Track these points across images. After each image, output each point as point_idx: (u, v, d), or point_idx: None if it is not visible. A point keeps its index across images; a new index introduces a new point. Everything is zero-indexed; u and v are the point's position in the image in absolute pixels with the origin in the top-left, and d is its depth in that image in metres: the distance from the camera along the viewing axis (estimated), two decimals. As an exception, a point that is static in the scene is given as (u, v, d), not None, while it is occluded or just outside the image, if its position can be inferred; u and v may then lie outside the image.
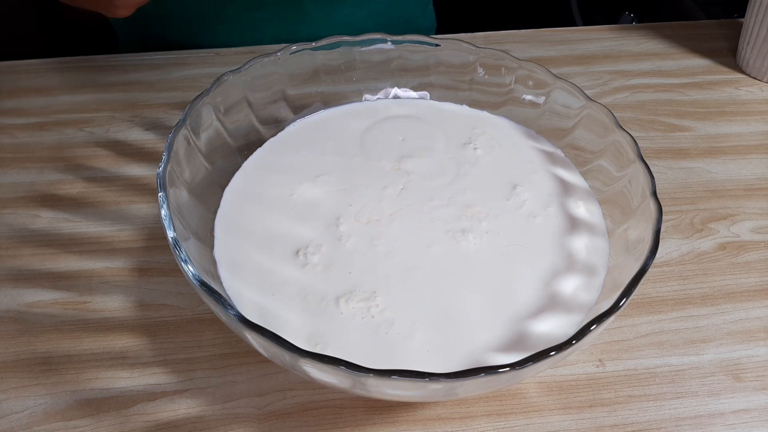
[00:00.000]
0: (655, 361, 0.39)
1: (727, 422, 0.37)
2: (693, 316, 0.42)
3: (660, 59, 0.64)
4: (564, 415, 0.37)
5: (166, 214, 0.34)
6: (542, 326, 0.35)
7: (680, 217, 0.48)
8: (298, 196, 0.42)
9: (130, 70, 0.60)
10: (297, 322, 0.35)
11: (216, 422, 0.36)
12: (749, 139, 0.55)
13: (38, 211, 0.47)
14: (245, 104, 0.45)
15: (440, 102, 0.49)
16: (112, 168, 0.50)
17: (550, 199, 0.42)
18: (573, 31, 0.67)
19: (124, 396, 0.37)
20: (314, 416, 0.36)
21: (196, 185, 0.40)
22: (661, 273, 0.44)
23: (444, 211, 0.41)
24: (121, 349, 0.39)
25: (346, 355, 0.29)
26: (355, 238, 0.39)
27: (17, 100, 0.57)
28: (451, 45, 0.48)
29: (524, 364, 0.28)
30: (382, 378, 0.28)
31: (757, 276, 0.44)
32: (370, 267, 0.38)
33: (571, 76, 0.58)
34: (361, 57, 0.48)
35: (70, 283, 0.42)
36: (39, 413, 0.36)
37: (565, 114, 0.45)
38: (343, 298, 0.36)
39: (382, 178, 0.43)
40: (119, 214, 0.47)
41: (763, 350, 0.40)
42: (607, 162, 0.42)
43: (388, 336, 0.34)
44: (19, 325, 0.40)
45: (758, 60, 0.60)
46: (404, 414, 0.37)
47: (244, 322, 0.30)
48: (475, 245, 0.39)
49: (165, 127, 0.54)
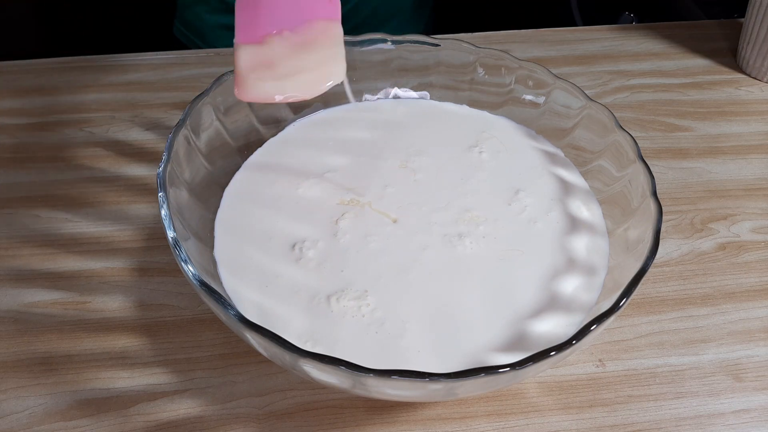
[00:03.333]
0: (655, 361, 0.39)
1: (727, 422, 0.37)
2: (693, 316, 0.42)
3: (660, 59, 0.64)
4: (564, 415, 0.37)
5: (166, 214, 0.34)
6: (542, 326, 0.35)
7: (680, 217, 0.48)
8: (297, 196, 0.42)
9: (130, 70, 0.60)
10: (287, 318, 0.35)
11: (216, 422, 0.36)
12: (749, 139, 0.55)
13: (38, 211, 0.47)
14: (245, 104, 0.45)
15: (440, 102, 0.49)
16: (112, 168, 0.50)
17: (552, 204, 0.42)
18: (573, 31, 0.67)
19: (124, 396, 0.37)
20: (314, 416, 0.36)
21: (196, 185, 0.40)
22: (661, 273, 0.44)
23: (442, 215, 0.41)
24: (121, 349, 0.39)
25: (338, 354, 0.29)
26: (350, 237, 0.39)
27: (17, 100, 0.57)
28: (451, 45, 0.47)
29: (524, 364, 0.28)
30: (382, 378, 0.28)
31: (757, 276, 0.44)
32: (362, 266, 0.38)
33: (571, 76, 0.58)
34: (361, 57, 0.48)
35: (70, 283, 0.42)
36: (39, 413, 0.36)
37: (565, 114, 0.45)
38: (334, 296, 0.36)
39: (384, 178, 0.43)
40: (119, 214, 0.47)
41: (763, 350, 0.40)
42: (607, 162, 0.42)
43: (379, 335, 0.35)
44: (19, 325, 0.40)
45: (758, 60, 0.60)
46: (404, 414, 0.37)
47: (244, 322, 0.30)
48: (471, 249, 0.39)
49: (165, 127, 0.54)
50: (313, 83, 0.37)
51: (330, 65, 0.37)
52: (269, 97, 0.36)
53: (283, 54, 0.36)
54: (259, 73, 0.36)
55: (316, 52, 0.37)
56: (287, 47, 0.37)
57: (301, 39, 0.37)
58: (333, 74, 0.37)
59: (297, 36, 0.37)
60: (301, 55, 0.37)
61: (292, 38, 0.37)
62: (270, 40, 0.36)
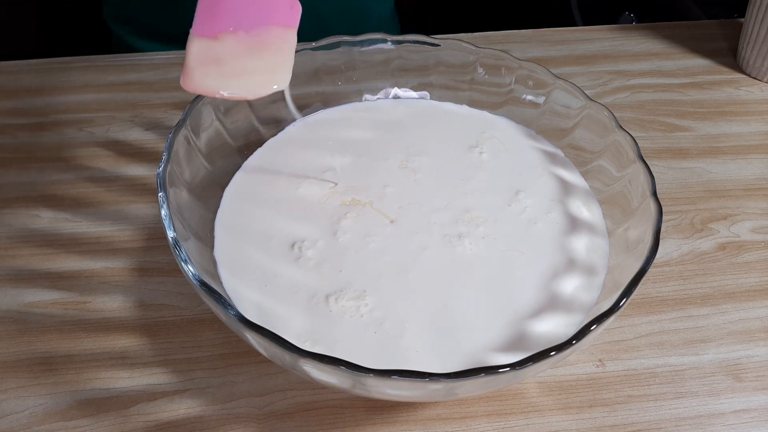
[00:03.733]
0: (655, 361, 0.39)
1: (727, 422, 0.37)
2: (693, 316, 0.42)
3: (660, 59, 0.64)
4: (564, 415, 0.37)
5: (166, 214, 0.34)
6: (542, 326, 0.35)
7: (680, 217, 0.48)
8: (298, 196, 0.42)
9: (130, 70, 0.60)
10: (287, 317, 0.35)
11: (216, 422, 0.36)
12: (749, 139, 0.55)
13: (38, 211, 0.47)
14: (245, 104, 0.45)
15: (440, 102, 0.49)
16: (112, 168, 0.50)
17: (552, 204, 0.42)
18: (573, 31, 0.67)
19: (124, 396, 0.37)
20: (314, 416, 0.36)
21: (196, 185, 0.40)
22: (661, 273, 0.44)
23: (442, 215, 0.41)
24: (121, 349, 0.39)
25: (337, 354, 0.29)
26: (350, 236, 0.39)
27: (17, 100, 0.57)
28: (451, 45, 0.48)
29: (524, 364, 0.28)
30: (382, 378, 0.28)
31: (757, 276, 0.44)
32: (361, 266, 0.38)
33: (571, 76, 0.58)
34: (361, 57, 0.48)
35: (70, 283, 0.42)
36: (39, 413, 0.36)
37: (565, 114, 0.45)
38: (333, 296, 0.36)
39: (384, 178, 0.43)
40: (119, 214, 0.47)
41: (763, 350, 0.40)
42: (607, 162, 0.42)
43: (378, 335, 0.35)
44: (19, 325, 0.40)
45: (758, 60, 0.60)
46: (404, 414, 0.37)
47: (244, 322, 0.30)
48: (470, 250, 0.39)
49: (165, 127, 0.54)
50: (256, 86, 0.37)
51: (274, 72, 0.38)
52: (212, 91, 0.37)
53: (233, 53, 0.37)
54: (207, 68, 0.37)
55: (266, 57, 0.38)
56: (239, 47, 0.37)
57: (255, 41, 0.37)
58: (276, 81, 0.38)
59: (251, 38, 0.37)
60: (250, 57, 0.37)
61: (246, 40, 0.37)
62: (224, 38, 0.37)
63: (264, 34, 0.38)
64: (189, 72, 0.37)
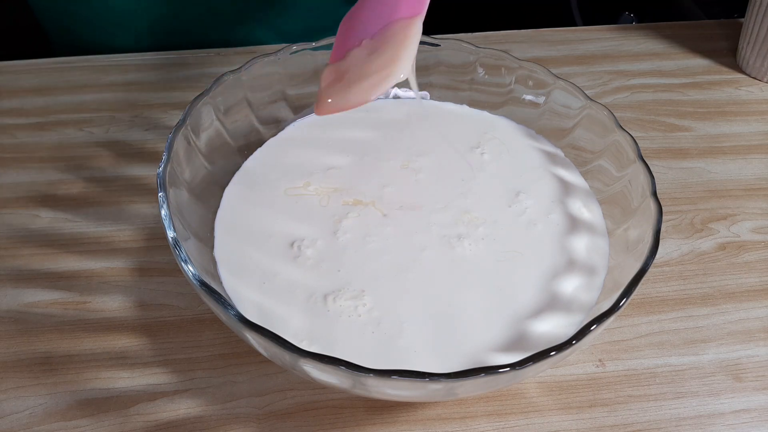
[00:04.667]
0: (655, 361, 0.39)
1: (727, 422, 0.37)
2: (693, 316, 0.42)
3: (660, 59, 0.64)
4: (564, 415, 0.37)
5: (166, 214, 0.34)
6: (542, 326, 0.35)
7: (680, 217, 0.48)
8: (297, 196, 0.42)
9: (130, 70, 0.60)
10: (286, 317, 0.35)
11: (216, 422, 0.36)
12: (749, 139, 0.55)
13: (38, 211, 0.47)
14: (245, 104, 0.45)
15: (440, 102, 0.49)
16: (112, 168, 0.50)
17: (553, 205, 0.42)
18: (573, 31, 0.67)
19: (124, 396, 0.37)
20: (314, 416, 0.36)
21: (196, 185, 0.40)
22: (661, 273, 0.44)
23: (441, 216, 0.41)
24: (121, 349, 0.39)
25: (335, 354, 0.29)
26: (350, 236, 0.39)
27: (17, 100, 0.57)
28: (451, 45, 0.47)
29: (524, 364, 0.28)
30: (382, 378, 0.28)
31: (757, 276, 0.44)
32: (360, 266, 0.38)
33: (571, 76, 0.58)
34: (361, 57, 0.48)
35: (70, 283, 0.42)
36: (39, 413, 0.36)
37: (566, 114, 0.45)
38: (331, 296, 0.36)
39: (383, 178, 0.43)
40: (119, 214, 0.47)
41: (763, 350, 0.40)
42: (607, 162, 0.42)
43: (375, 335, 0.35)
44: (19, 325, 0.40)
45: (758, 60, 0.60)
46: (404, 414, 0.37)
47: (244, 322, 0.30)
48: (470, 251, 0.39)
49: (165, 127, 0.54)
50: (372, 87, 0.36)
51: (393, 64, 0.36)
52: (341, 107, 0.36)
53: (356, 62, 0.37)
54: (333, 87, 0.36)
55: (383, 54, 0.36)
56: (362, 55, 0.37)
57: (377, 43, 0.37)
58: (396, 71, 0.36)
59: (373, 41, 0.37)
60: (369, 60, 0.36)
61: (369, 44, 0.37)
62: (350, 53, 0.37)
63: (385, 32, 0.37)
64: (319, 98, 0.36)
